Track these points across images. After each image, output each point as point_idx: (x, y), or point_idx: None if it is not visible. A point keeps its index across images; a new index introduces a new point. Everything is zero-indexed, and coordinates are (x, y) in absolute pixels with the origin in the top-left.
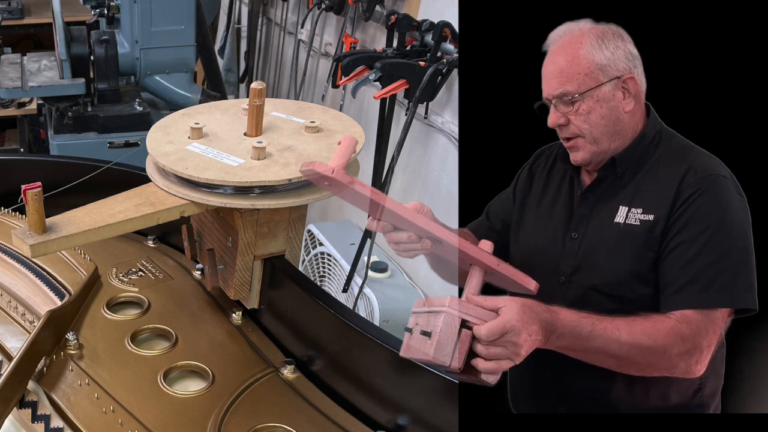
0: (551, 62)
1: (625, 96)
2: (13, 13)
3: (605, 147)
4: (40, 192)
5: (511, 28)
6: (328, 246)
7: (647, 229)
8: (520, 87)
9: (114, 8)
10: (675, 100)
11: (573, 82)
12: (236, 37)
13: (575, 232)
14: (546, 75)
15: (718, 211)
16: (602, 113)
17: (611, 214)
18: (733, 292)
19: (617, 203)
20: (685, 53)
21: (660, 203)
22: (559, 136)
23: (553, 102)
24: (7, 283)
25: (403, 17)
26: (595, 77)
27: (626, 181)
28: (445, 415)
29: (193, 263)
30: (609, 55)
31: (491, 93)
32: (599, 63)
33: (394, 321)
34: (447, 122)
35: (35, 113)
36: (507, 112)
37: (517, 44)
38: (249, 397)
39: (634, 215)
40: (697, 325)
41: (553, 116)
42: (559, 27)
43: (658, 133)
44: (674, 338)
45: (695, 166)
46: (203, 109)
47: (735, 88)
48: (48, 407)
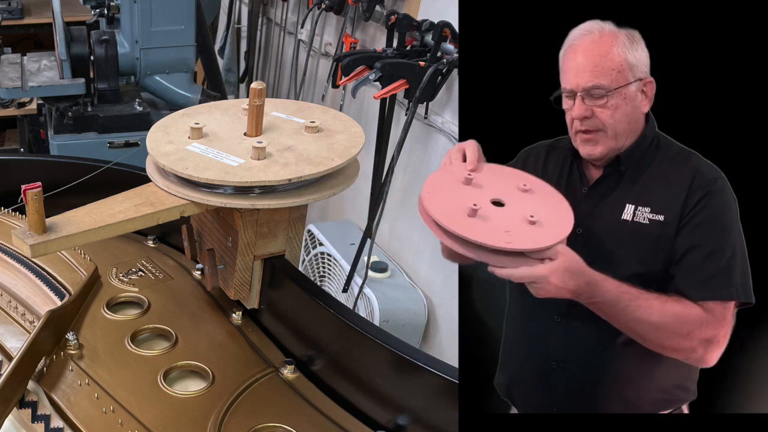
0: (581, 55)
1: (643, 98)
2: (13, 13)
3: (622, 143)
4: (40, 192)
5: (511, 28)
6: (328, 246)
7: (658, 228)
8: (520, 87)
9: (114, 8)
10: (665, 105)
11: (606, 76)
12: (236, 37)
13: (580, 227)
14: (573, 67)
15: (725, 212)
16: (626, 111)
17: (617, 211)
18: (746, 287)
19: (622, 201)
20: (673, 58)
21: (670, 205)
22: (577, 128)
23: (581, 94)
24: (7, 283)
25: (403, 17)
26: (625, 75)
27: (629, 180)
28: (445, 415)
29: (193, 263)
30: (638, 56)
31: (491, 93)
32: (630, 62)
33: (394, 321)
34: (447, 122)
35: (35, 113)
36: (507, 112)
37: (517, 44)
38: (249, 397)
39: (642, 214)
40: (718, 315)
41: (581, 108)
42: (584, 24)
43: (655, 136)
44: (700, 325)
45: (701, 171)
46: (203, 109)
47: (724, 92)
48: (48, 407)
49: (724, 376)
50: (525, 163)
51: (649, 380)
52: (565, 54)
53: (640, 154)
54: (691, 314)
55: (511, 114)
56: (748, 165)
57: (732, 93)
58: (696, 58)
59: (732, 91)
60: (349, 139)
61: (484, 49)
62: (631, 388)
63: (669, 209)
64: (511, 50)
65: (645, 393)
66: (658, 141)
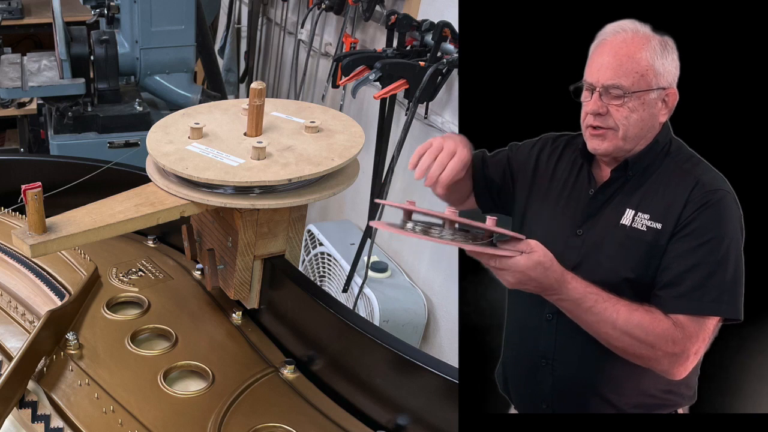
0: (609, 52)
1: (663, 107)
2: (13, 13)
3: (630, 146)
4: (40, 192)
5: (511, 28)
6: (328, 246)
7: (653, 236)
8: (520, 87)
9: (114, 8)
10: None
11: (628, 78)
12: (236, 37)
13: (581, 228)
14: (599, 62)
15: (719, 226)
16: (642, 116)
17: (618, 215)
18: (727, 303)
19: (624, 206)
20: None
21: (667, 214)
22: (589, 122)
23: (600, 90)
24: (7, 283)
25: (403, 17)
26: (648, 81)
27: (634, 185)
28: (445, 415)
29: (193, 263)
30: (666, 65)
31: (491, 93)
32: (656, 69)
33: (394, 321)
34: (447, 122)
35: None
36: (507, 112)
37: (517, 44)
38: (249, 397)
39: (641, 220)
40: (690, 331)
41: (596, 104)
42: (620, 21)
43: (668, 142)
44: (666, 339)
45: (702, 181)
46: (203, 109)
47: (739, 97)
48: (48, 407)
49: (722, 376)
50: (541, 151)
51: (637, 384)
52: (596, 47)
53: (650, 160)
54: (657, 327)
55: (511, 114)
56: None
57: (757, 109)
58: (729, 69)
59: (757, 107)
60: (349, 139)
61: (484, 49)
62: (619, 391)
63: (666, 218)
64: (511, 50)
65: (633, 398)
66: (670, 147)
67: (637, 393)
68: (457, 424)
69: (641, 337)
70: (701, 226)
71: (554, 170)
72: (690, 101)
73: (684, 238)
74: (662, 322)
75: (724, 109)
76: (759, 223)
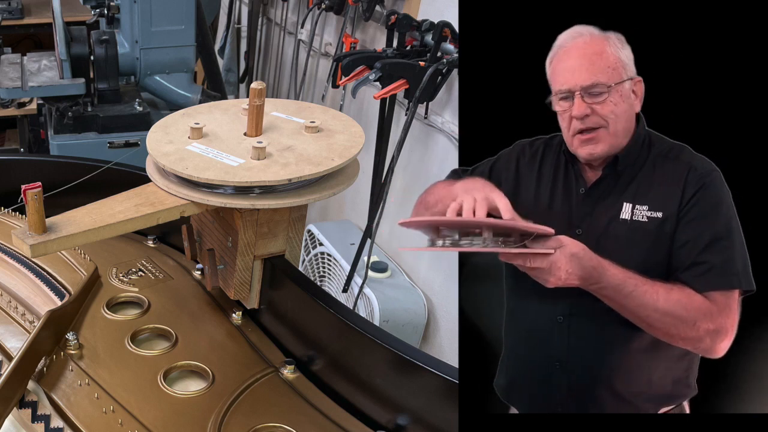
0: (576, 55)
1: (635, 98)
2: (13, 13)
3: (620, 142)
4: (40, 192)
5: (511, 28)
6: (328, 246)
7: (657, 225)
8: (520, 87)
9: (114, 8)
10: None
11: (604, 74)
12: (236, 37)
13: (579, 228)
14: (569, 68)
15: (721, 203)
16: (624, 108)
17: (615, 211)
18: (747, 274)
19: (620, 200)
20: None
21: (667, 201)
22: (576, 128)
23: (580, 93)
24: (7, 283)
25: (403, 17)
26: (620, 73)
27: (625, 179)
28: (445, 415)
29: (193, 263)
30: (628, 55)
31: (491, 93)
32: (623, 60)
33: (394, 321)
34: (447, 122)
35: (35, 113)
36: (507, 112)
37: (517, 44)
38: (249, 397)
39: (640, 212)
40: (721, 305)
41: (581, 106)
42: (571, 29)
43: (647, 135)
44: (705, 314)
45: (694, 165)
46: (203, 109)
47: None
48: (48, 407)
49: (723, 376)
50: (519, 158)
51: (650, 376)
52: (556, 56)
53: (636, 154)
54: (694, 303)
55: (511, 114)
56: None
57: (714, 88)
58: (677, 56)
59: (714, 86)
60: (349, 139)
61: (484, 49)
62: (633, 385)
63: (666, 206)
64: (511, 50)
65: (647, 389)
66: (650, 139)
67: (648, 385)
68: (457, 424)
69: (683, 316)
70: (706, 207)
71: (539, 173)
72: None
73: (692, 221)
74: (697, 298)
75: (684, 96)
76: (759, 222)
